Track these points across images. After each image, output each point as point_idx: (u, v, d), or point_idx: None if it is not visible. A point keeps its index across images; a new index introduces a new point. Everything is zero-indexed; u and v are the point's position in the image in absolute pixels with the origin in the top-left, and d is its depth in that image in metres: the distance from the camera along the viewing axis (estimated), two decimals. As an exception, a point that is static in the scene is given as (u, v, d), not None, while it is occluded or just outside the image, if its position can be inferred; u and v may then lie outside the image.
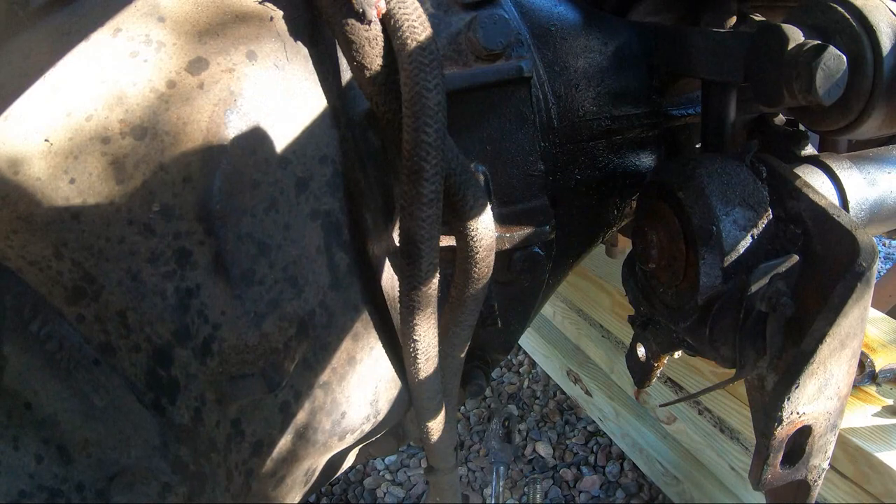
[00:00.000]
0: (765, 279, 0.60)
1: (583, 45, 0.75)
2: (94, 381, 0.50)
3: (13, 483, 0.46)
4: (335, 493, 1.87)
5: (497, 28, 0.64)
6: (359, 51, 0.53)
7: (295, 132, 0.56)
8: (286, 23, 0.57)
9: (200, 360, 0.53)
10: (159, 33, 0.52)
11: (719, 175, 0.64)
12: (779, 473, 0.63)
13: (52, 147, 0.49)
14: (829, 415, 0.63)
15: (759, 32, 0.64)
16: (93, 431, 0.49)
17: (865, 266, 0.56)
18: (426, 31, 0.53)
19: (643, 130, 0.79)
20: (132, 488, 0.50)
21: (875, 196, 0.72)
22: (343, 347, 0.60)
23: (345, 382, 0.62)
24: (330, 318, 0.59)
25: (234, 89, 0.53)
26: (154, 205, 0.51)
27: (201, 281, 0.52)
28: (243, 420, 0.56)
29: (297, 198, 0.56)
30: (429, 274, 0.57)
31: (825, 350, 0.57)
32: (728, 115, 0.72)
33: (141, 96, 0.51)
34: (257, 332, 0.55)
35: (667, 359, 0.79)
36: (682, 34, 0.74)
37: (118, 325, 0.51)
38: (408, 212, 0.55)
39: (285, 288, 0.56)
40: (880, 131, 0.68)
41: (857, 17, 0.63)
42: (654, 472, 1.70)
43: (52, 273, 0.49)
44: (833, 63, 0.58)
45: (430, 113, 0.52)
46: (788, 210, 0.63)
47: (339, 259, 0.59)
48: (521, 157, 0.68)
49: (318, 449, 0.63)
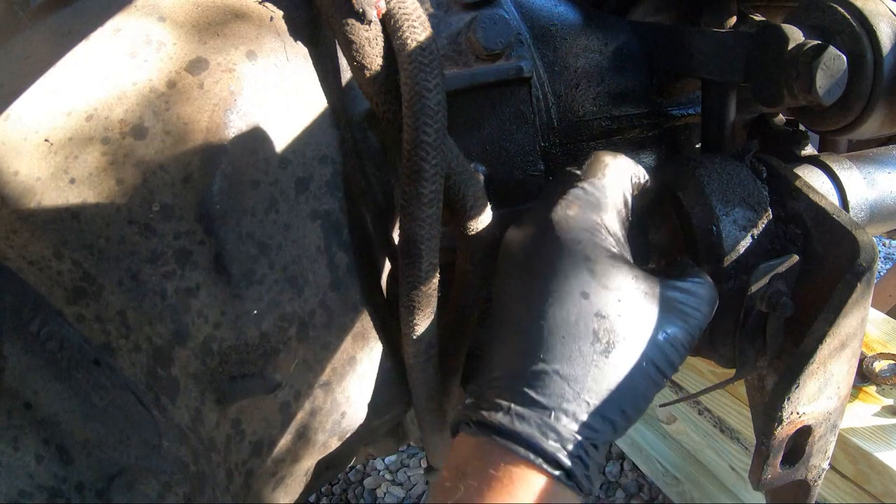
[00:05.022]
0: (765, 279, 0.60)
1: (583, 45, 0.75)
2: (94, 381, 0.50)
3: (13, 483, 0.46)
4: (335, 492, 1.87)
5: (497, 28, 0.64)
6: (359, 51, 0.53)
7: (295, 132, 0.56)
8: (286, 23, 0.57)
9: (200, 360, 0.53)
10: (159, 33, 0.52)
11: (719, 175, 0.64)
12: (779, 473, 0.63)
13: (52, 147, 0.49)
14: (829, 415, 0.63)
15: (759, 32, 0.64)
16: (93, 431, 0.49)
17: (865, 266, 0.56)
18: (426, 31, 0.53)
19: (643, 130, 0.79)
20: (132, 488, 0.50)
21: (875, 196, 0.72)
22: (343, 347, 0.60)
23: (345, 382, 0.62)
24: (330, 318, 0.59)
25: (234, 89, 0.53)
26: (154, 205, 0.51)
27: (201, 281, 0.52)
28: (243, 420, 0.56)
29: (297, 198, 0.56)
30: (429, 274, 0.57)
31: (825, 350, 0.57)
32: (728, 115, 0.72)
33: (141, 96, 0.51)
34: (257, 332, 0.55)
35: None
36: (682, 34, 0.74)
37: (118, 324, 0.51)
38: (408, 212, 0.55)
39: (285, 288, 0.56)
40: (880, 131, 0.68)
41: (858, 17, 0.63)
42: (654, 472, 1.70)
43: (52, 273, 0.49)
44: (833, 63, 0.58)
45: (430, 113, 0.52)
46: (788, 210, 0.63)
47: (339, 259, 0.59)
48: (521, 157, 0.68)
49: (318, 449, 0.63)
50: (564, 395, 0.49)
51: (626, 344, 0.50)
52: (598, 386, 0.49)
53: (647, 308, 0.51)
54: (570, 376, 0.49)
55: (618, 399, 0.50)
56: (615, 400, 0.49)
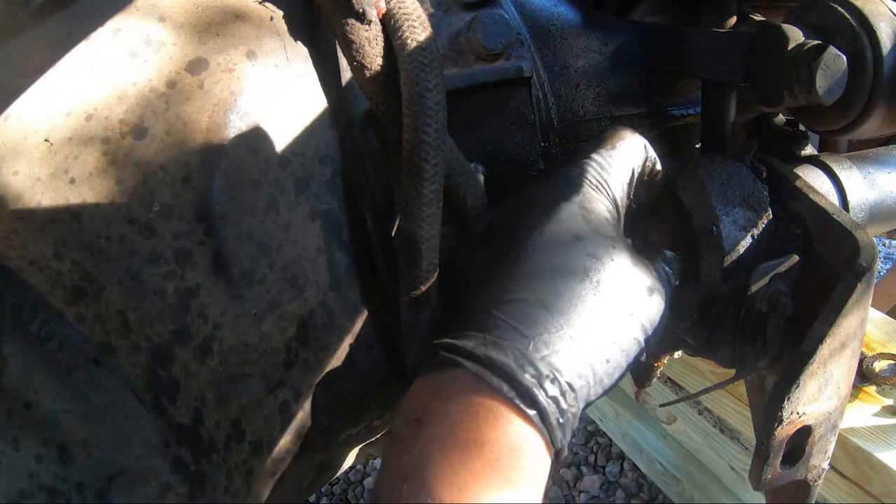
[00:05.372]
0: (765, 279, 0.60)
1: (583, 45, 0.75)
2: (94, 381, 0.50)
3: (13, 483, 0.46)
4: (335, 493, 1.87)
5: (497, 28, 0.65)
6: (359, 51, 0.53)
7: (295, 132, 0.56)
8: (286, 23, 0.57)
9: (200, 360, 0.53)
10: (159, 33, 0.52)
11: (719, 175, 0.64)
12: (779, 473, 0.63)
13: (52, 147, 0.49)
14: (829, 415, 0.63)
15: (759, 32, 0.64)
16: (93, 431, 0.49)
17: (865, 266, 0.56)
18: (426, 31, 0.53)
19: (643, 130, 0.79)
20: (132, 488, 0.50)
21: (875, 196, 0.72)
22: (343, 347, 0.61)
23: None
24: (330, 319, 0.59)
25: (234, 89, 0.53)
26: (154, 205, 0.51)
27: (201, 281, 0.52)
28: (243, 420, 0.56)
29: (297, 198, 0.56)
30: (429, 274, 0.57)
31: (825, 350, 0.57)
32: (728, 115, 0.72)
33: (141, 96, 0.51)
34: (257, 332, 0.55)
35: (667, 359, 0.79)
36: (682, 34, 0.74)
37: (118, 324, 0.51)
38: (408, 212, 0.55)
39: (285, 288, 0.56)
40: (880, 131, 0.68)
41: (858, 17, 0.63)
42: (654, 472, 1.70)
43: (52, 273, 0.49)
44: (833, 63, 0.58)
45: (430, 113, 0.52)
46: (788, 210, 0.63)
47: (339, 259, 0.59)
48: (521, 157, 0.68)
49: (318, 449, 0.63)
50: (546, 326, 0.44)
51: (615, 288, 0.47)
52: (583, 323, 0.45)
53: (636, 262, 0.50)
54: (555, 307, 0.44)
55: (602, 343, 0.45)
56: (600, 343, 0.45)
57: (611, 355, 0.46)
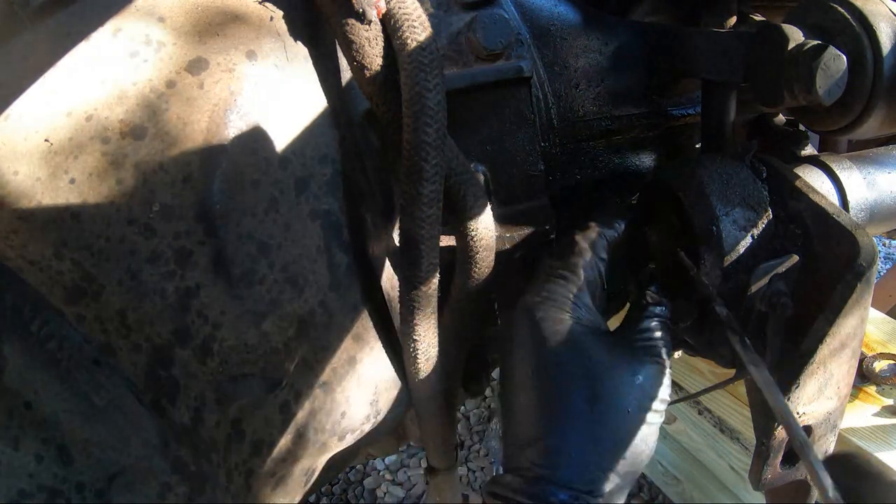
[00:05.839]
0: (765, 279, 0.60)
1: (583, 45, 0.75)
2: (94, 381, 0.50)
3: (13, 483, 0.46)
4: (335, 492, 1.87)
5: (497, 28, 0.64)
6: (359, 51, 0.53)
7: (295, 132, 0.56)
8: (286, 23, 0.57)
9: (200, 360, 0.53)
10: (159, 33, 0.52)
11: (719, 175, 0.64)
12: (779, 473, 0.63)
13: (52, 147, 0.49)
14: (829, 415, 0.63)
15: (759, 32, 0.64)
16: (93, 431, 0.49)
17: (865, 266, 0.56)
18: (426, 31, 0.53)
19: (643, 130, 0.79)
20: (132, 488, 0.50)
21: (875, 196, 0.72)
22: (343, 347, 0.60)
23: (345, 382, 0.62)
24: (330, 319, 0.59)
25: (234, 89, 0.53)
26: (154, 205, 0.51)
27: (201, 281, 0.52)
28: (243, 420, 0.56)
29: (297, 198, 0.56)
30: (429, 274, 0.57)
31: (825, 350, 0.57)
32: (728, 115, 0.72)
33: (141, 96, 0.51)
34: (257, 332, 0.55)
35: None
36: (682, 34, 0.74)
37: (118, 324, 0.51)
38: (408, 212, 0.55)
39: (285, 288, 0.56)
40: (880, 131, 0.68)
41: (858, 17, 0.63)
42: (654, 472, 1.70)
43: (52, 273, 0.49)
44: (833, 63, 0.58)
45: (430, 113, 0.52)
46: (788, 210, 0.63)
47: (339, 259, 0.59)
48: (522, 157, 0.68)
49: (318, 449, 0.63)
50: (558, 463, 0.53)
51: (609, 399, 0.55)
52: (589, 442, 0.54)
53: (618, 364, 0.56)
54: (561, 446, 0.53)
55: (611, 448, 0.54)
56: (608, 450, 0.54)
57: (623, 451, 0.55)
